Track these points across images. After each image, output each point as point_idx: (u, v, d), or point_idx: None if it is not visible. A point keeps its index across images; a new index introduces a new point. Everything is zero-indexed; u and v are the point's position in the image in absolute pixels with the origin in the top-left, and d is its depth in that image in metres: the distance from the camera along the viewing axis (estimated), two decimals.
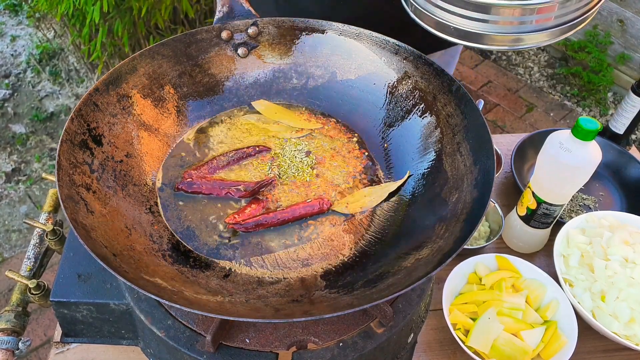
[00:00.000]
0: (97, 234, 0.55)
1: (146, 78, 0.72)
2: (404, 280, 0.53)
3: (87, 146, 0.63)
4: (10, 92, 2.51)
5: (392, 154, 0.73)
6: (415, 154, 0.71)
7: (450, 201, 0.62)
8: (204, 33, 0.76)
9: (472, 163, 0.63)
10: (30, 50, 2.68)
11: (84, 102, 0.65)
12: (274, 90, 0.80)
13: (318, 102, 0.79)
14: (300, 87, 0.79)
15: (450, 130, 0.68)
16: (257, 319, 0.49)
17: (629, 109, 1.15)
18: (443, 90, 0.70)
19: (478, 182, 0.60)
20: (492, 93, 2.63)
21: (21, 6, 2.88)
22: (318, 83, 0.79)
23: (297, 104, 0.80)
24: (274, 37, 0.79)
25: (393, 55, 0.75)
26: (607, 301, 0.85)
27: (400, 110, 0.74)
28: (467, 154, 0.64)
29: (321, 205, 0.66)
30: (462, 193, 0.61)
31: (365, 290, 0.56)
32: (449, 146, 0.67)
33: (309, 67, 0.79)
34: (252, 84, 0.79)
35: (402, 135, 0.73)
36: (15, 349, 0.71)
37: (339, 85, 0.78)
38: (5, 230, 2.03)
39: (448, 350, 0.86)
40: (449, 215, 0.60)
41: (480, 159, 0.62)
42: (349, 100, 0.78)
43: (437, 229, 0.59)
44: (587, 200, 1.11)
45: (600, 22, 2.55)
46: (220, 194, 0.68)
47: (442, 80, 0.70)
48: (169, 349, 0.60)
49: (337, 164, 0.73)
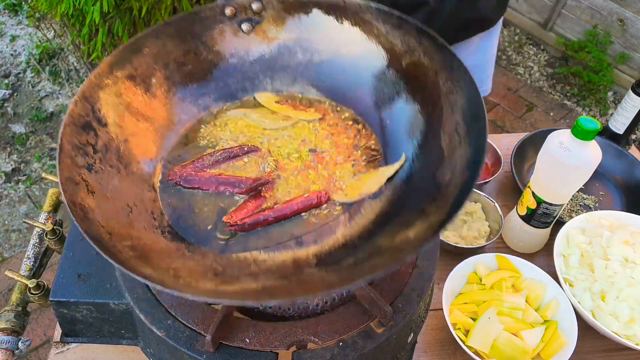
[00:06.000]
0: (96, 214, 0.56)
1: (151, 58, 0.72)
2: (392, 258, 0.55)
3: (92, 127, 0.63)
4: (10, 92, 2.51)
5: (393, 133, 0.73)
6: (414, 132, 0.70)
7: (443, 181, 0.62)
8: (208, 11, 0.76)
9: (467, 143, 0.62)
10: (30, 50, 2.68)
11: (88, 85, 0.65)
12: (278, 66, 0.79)
13: (323, 78, 0.79)
14: (306, 63, 0.79)
15: (449, 107, 0.67)
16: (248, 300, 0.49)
17: (629, 109, 1.15)
18: (445, 66, 0.68)
19: (470, 163, 0.59)
20: (492, 93, 2.62)
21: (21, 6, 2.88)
22: (323, 58, 0.78)
23: (301, 81, 0.79)
24: (278, 12, 0.78)
25: (396, 30, 0.73)
26: (607, 301, 0.85)
27: (402, 86, 0.73)
28: (463, 133, 0.63)
29: (319, 198, 0.66)
30: (454, 173, 0.61)
31: (354, 269, 0.56)
32: (447, 124, 0.66)
33: (313, 42, 0.78)
34: (256, 60, 0.79)
35: (403, 113, 0.72)
36: (15, 348, 0.71)
37: (343, 60, 0.78)
38: (5, 230, 2.03)
39: (448, 350, 0.86)
40: (441, 195, 0.60)
41: (475, 138, 0.61)
42: (352, 76, 0.77)
43: (428, 208, 0.59)
44: (587, 200, 1.11)
45: (601, 21, 2.55)
46: (218, 189, 0.68)
47: (444, 56, 0.69)
48: (168, 349, 0.60)
49: (335, 151, 0.73)
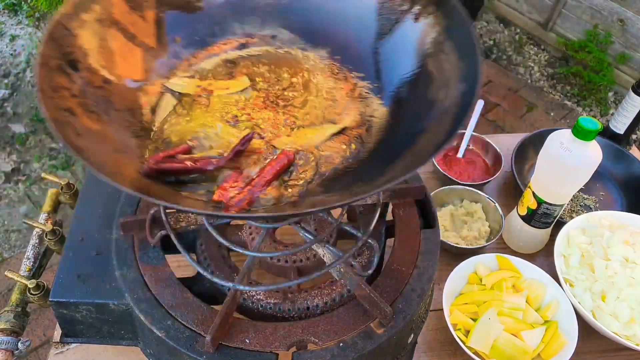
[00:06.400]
0: (88, 154, 0.53)
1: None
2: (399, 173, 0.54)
3: (64, 71, 0.60)
4: (10, 92, 2.51)
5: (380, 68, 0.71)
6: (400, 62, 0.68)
7: (438, 99, 0.61)
8: None
9: (457, 58, 0.61)
10: (30, 50, 2.68)
11: (54, 25, 0.61)
12: (247, 7, 0.75)
13: (293, 17, 0.75)
14: (275, 3, 0.75)
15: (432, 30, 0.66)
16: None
17: (630, 109, 1.15)
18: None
19: (465, 76, 0.59)
20: (492, 93, 2.62)
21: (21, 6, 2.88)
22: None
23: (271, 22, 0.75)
24: None
25: None
26: (607, 301, 0.85)
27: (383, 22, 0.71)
28: (451, 51, 0.63)
29: (288, 156, 0.65)
30: (449, 90, 0.60)
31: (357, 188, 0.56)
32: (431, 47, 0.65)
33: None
34: (224, 3, 0.74)
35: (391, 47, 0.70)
36: (14, 349, 0.71)
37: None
38: (5, 230, 2.03)
39: (448, 351, 0.85)
40: (439, 112, 0.60)
41: (465, 53, 0.61)
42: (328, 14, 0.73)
43: (429, 125, 0.59)
44: (588, 200, 1.11)
45: (601, 21, 2.55)
46: (201, 166, 0.62)
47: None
48: (168, 349, 0.60)
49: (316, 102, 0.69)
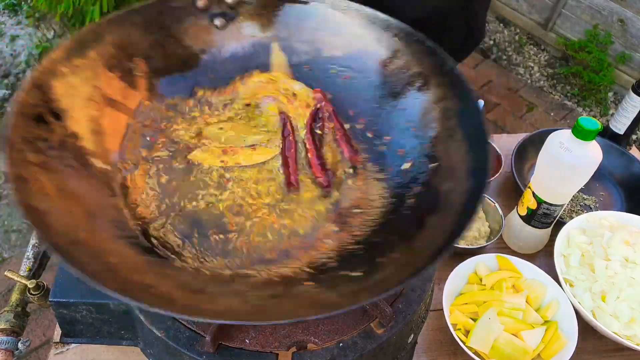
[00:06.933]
0: (53, 219, 0.49)
1: (113, 47, 0.65)
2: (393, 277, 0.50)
3: (45, 120, 0.56)
4: (10, 92, 2.51)
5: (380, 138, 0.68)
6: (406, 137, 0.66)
7: (441, 191, 0.58)
8: (179, 1, 0.70)
9: (466, 150, 0.58)
10: (30, 50, 2.68)
11: (42, 71, 0.57)
12: (253, 65, 0.73)
13: (300, 79, 0.73)
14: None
15: (442, 114, 0.63)
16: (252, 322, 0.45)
17: (630, 109, 1.15)
18: (435, 70, 0.65)
19: (473, 171, 0.56)
20: (492, 93, 2.62)
21: (20, 6, 2.88)
22: (302, 59, 0.73)
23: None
24: (255, 7, 0.72)
25: (383, 32, 0.69)
26: (607, 301, 0.85)
27: (389, 91, 0.69)
28: (460, 140, 0.60)
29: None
30: (454, 182, 0.57)
31: (353, 286, 0.52)
32: (442, 131, 0.63)
33: (292, 41, 0.73)
34: (229, 58, 0.73)
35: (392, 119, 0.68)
36: (14, 349, 0.71)
37: (324, 62, 0.73)
38: (5, 230, 2.03)
39: (448, 351, 0.85)
40: (441, 207, 0.56)
41: (475, 145, 0.58)
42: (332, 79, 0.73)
43: (429, 220, 0.56)
44: (588, 200, 1.11)
45: (601, 21, 2.55)
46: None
47: (435, 59, 0.65)
48: (168, 350, 0.60)
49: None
